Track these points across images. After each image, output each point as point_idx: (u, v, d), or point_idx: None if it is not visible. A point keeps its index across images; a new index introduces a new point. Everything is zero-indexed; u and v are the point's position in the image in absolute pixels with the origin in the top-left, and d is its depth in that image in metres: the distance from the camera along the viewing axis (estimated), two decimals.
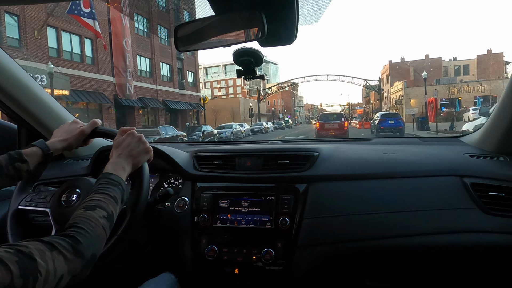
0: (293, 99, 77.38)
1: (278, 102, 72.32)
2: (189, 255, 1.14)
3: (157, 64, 23.76)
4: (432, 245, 0.99)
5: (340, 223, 1.04)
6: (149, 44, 22.95)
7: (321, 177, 1.15)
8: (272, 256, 1.05)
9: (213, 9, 0.74)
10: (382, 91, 40.70)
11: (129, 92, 19.32)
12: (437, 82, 34.71)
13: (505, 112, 1.11)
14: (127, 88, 19.15)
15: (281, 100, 72.57)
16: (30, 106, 1.34)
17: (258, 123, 31.48)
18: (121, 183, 0.78)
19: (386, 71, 47.93)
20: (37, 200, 1.03)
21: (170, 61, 25.47)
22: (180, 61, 27.11)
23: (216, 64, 74.32)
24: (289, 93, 73.11)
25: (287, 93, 72.16)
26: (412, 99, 34.04)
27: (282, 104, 73.18)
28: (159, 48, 24.03)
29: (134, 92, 19.76)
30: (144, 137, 0.91)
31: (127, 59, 18.91)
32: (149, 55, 23.01)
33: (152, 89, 23.08)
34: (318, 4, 0.81)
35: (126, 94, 19.20)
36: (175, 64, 26.09)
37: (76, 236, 0.60)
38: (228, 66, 71.33)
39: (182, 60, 27.35)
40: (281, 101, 73.13)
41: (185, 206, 1.18)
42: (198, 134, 17.48)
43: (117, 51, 18.49)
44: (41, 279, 0.51)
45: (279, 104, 72.58)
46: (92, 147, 1.35)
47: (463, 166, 1.11)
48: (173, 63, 25.83)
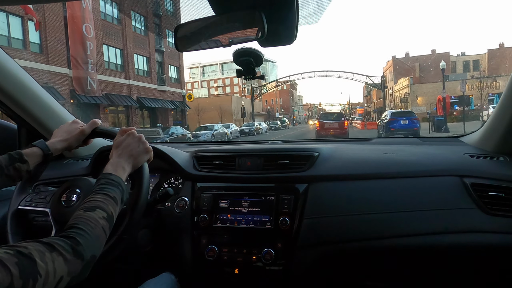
0: (291, 98, 74.76)
1: (276, 102, 70.06)
2: (189, 255, 1.14)
3: (130, 56, 20.16)
4: (432, 245, 0.99)
5: (340, 223, 1.04)
6: (120, 33, 19.49)
7: (321, 177, 1.15)
8: (272, 256, 1.05)
9: (213, 9, 0.74)
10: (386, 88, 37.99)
11: (90, 87, 15.99)
12: (446, 79, 31.32)
13: (505, 112, 1.11)
14: (87, 83, 15.82)
15: (279, 99, 70.41)
16: (30, 106, 1.34)
17: (249, 123, 28.37)
18: (121, 183, 0.78)
19: (390, 67, 44.26)
20: (37, 200, 1.03)
21: (147, 53, 21.85)
22: (160, 54, 23.56)
23: (213, 62, 72.98)
24: (288, 92, 71.28)
25: (285, 92, 70.46)
26: (419, 97, 31.80)
27: (280, 104, 70.78)
28: (133, 38, 20.37)
29: (98, 88, 16.47)
30: (144, 137, 0.91)
31: (88, 48, 15.49)
32: (120, 45, 19.35)
33: (124, 84, 19.56)
34: (318, 4, 0.81)
35: (86, 89, 15.88)
36: (153, 56, 22.53)
37: (75, 237, 0.60)
38: (225, 64, 69.88)
39: (163, 53, 23.77)
40: (279, 100, 70.70)
41: (185, 206, 1.18)
42: (164, 138, 14.21)
43: (74, 38, 15.15)
44: (41, 280, 0.51)
45: (277, 103, 70.19)
46: (92, 147, 1.35)
47: (463, 166, 1.10)
48: (150, 56, 22.16)
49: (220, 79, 71.31)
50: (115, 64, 19.53)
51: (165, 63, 24.15)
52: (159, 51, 23.44)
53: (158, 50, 23.32)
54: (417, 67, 40.24)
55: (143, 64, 22.06)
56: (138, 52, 21.24)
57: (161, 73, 23.81)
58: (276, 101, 69.70)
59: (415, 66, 40.24)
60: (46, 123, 1.40)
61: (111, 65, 19.12)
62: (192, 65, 74.13)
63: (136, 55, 21.06)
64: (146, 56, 22.05)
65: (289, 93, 72.19)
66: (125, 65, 20.02)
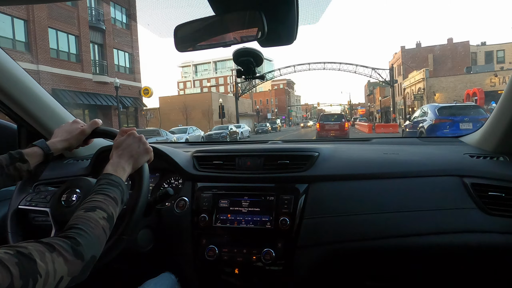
0: (287, 98, 69.02)
1: (271, 101, 65.81)
2: (189, 255, 1.14)
3: (43, 31, 14.50)
4: (432, 245, 0.99)
5: (340, 223, 1.04)
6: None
7: (321, 177, 1.15)
8: (272, 256, 1.05)
9: (213, 9, 0.74)
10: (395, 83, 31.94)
11: None
12: (468, 71, 27.03)
13: (505, 112, 1.11)
14: None
15: (274, 99, 66.06)
16: (30, 106, 1.34)
17: (221, 126, 22.53)
18: (121, 183, 0.78)
19: (398, 60, 38.37)
20: (37, 200, 1.03)
21: (75, 30, 16.11)
22: (99, 33, 17.72)
23: (206, 61, 69.09)
24: (284, 92, 66.84)
25: (281, 92, 66.40)
26: (438, 93, 26.09)
27: (276, 104, 66.30)
28: (48, 8, 14.47)
29: None
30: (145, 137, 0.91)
31: None
32: (23, 15, 13.78)
33: (31, 71, 13.10)
34: (318, 4, 0.81)
35: None
36: (86, 35, 16.62)
37: (76, 237, 0.60)
38: (219, 63, 66.35)
39: (103, 32, 17.86)
40: (275, 100, 66.27)
41: (185, 206, 1.19)
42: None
43: None
44: (41, 281, 0.51)
45: (273, 103, 65.93)
46: (92, 147, 1.35)
47: (463, 166, 1.10)
48: (81, 34, 16.32)
49: (213, 78, 67.59)
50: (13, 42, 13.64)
51: (107, 46, 18.09)
52: (97, 29, 17.49)
53: (95, 27, 17.33)
54: (431, 59, 34.95)
55: (67, 44, 15.97)
56: (59, 27, 15.30)
57: (101, 58, 18.08)
58: (271, 101, 65.97)
59: (428, 58, 35.03)
60: (46, 123, 1.40)
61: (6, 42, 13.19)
62: (185, 63, 71.40)
63: (56, 31, 15.23)
64: (73, 34, 16.15)
65: (286, 93, 68.25)
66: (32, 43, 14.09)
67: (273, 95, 65.89)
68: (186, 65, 71.54)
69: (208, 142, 1.87)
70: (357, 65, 27.35)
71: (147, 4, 0.90)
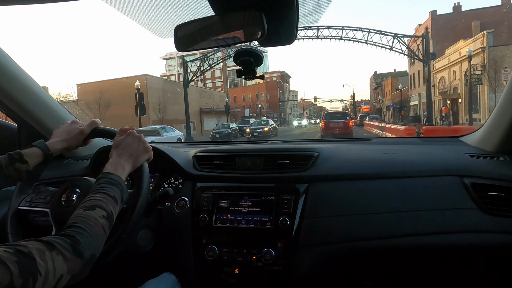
0: (281, 93, 57.39)
1: (262, 97, 54.99)
2: (189, 255, 1.14)
3: None
4: (432, 245, 0.99)
5: (340, 223, 1.04)
6: None
7: (321, 177, 1.15)
8: (272, 256, 1.05)
9: (213, 9, 0.74)
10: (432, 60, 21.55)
11: None
12: None
13: (505, 112, 1.11)
14: None
15: (265, 94, 55.05)
16: (30, 106, 1.34)
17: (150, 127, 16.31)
18: (120, 182, 0.78)
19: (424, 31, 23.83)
20: (37, 200, 1.03)
21: None
22: None
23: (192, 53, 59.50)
24: (276, 86, 55.44)
25: (273, 86, 55.28)
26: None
27: (267, 99, 55.28)
28: None
29: None
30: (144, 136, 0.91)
31: None
32: None
33: None
34: (318, 4, 0.81)
35: None
36: None
37: (75, 236, 0.60)
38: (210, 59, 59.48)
39: None
40: (265, 96, 55.18)
41: (185, 206, 1.18)
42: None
43: None
44: (41, 279, 0.51)
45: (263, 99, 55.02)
46: (92, 147, 1.35)
47: (463, 166, 1.10)
48: None
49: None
50: None
51: None
52: None
53: None
54: (477, 27, 22.77)
55: None
56: None
57: None
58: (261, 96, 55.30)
59: (472, 27, 23.36)
60: (46, 123, 1.40)
61: None
62: (169, 55, 61.81)
63: None
64: None
65: (278, 86, 56.73)
66: None
67: (263, 89, 55.02)
68: (170, 57, 62.36)
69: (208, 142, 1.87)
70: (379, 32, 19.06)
71: (147, 4, 0.90)
